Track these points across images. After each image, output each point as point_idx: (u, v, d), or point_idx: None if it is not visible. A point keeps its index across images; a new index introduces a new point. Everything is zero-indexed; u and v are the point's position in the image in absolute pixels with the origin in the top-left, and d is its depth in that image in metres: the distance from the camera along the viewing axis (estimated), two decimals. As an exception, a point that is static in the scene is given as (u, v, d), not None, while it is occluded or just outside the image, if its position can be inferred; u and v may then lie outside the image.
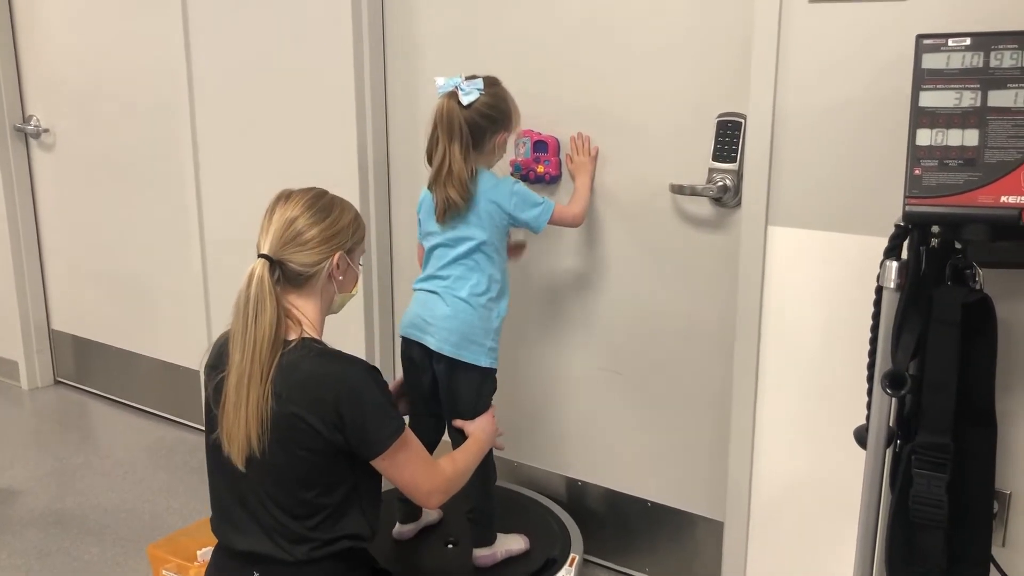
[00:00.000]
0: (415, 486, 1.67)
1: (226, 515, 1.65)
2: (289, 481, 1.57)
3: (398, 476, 1.63)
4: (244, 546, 1.62)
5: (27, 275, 3.76)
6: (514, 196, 2.03)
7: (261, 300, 1.53)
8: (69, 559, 2.52)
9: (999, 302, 1.53)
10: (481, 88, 1.97)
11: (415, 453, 1.65)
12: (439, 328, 2.03)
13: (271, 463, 1.55)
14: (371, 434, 1.57)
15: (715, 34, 2.06)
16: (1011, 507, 1.77)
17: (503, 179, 2.06)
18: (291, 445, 1.55)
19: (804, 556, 2.07)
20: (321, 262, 1.61)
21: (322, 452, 1.56)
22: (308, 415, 1.54)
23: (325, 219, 1.61)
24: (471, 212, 2.01)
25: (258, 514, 1.60)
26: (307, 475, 1.57)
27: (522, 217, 2.05)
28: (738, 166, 2.03)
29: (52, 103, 3.58)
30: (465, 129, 1.96)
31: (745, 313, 2.04)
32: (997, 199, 1.41)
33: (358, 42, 2.57)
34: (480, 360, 2.05)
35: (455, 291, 2.03)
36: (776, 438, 2.06)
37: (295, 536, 1.59)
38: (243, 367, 1.53)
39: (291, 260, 1.58)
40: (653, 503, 2.38)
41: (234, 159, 2.95)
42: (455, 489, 1.77)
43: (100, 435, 3.39)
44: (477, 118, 1.97)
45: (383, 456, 1.59)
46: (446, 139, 1.97)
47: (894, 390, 1.49)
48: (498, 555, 2.16)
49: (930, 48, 1.48)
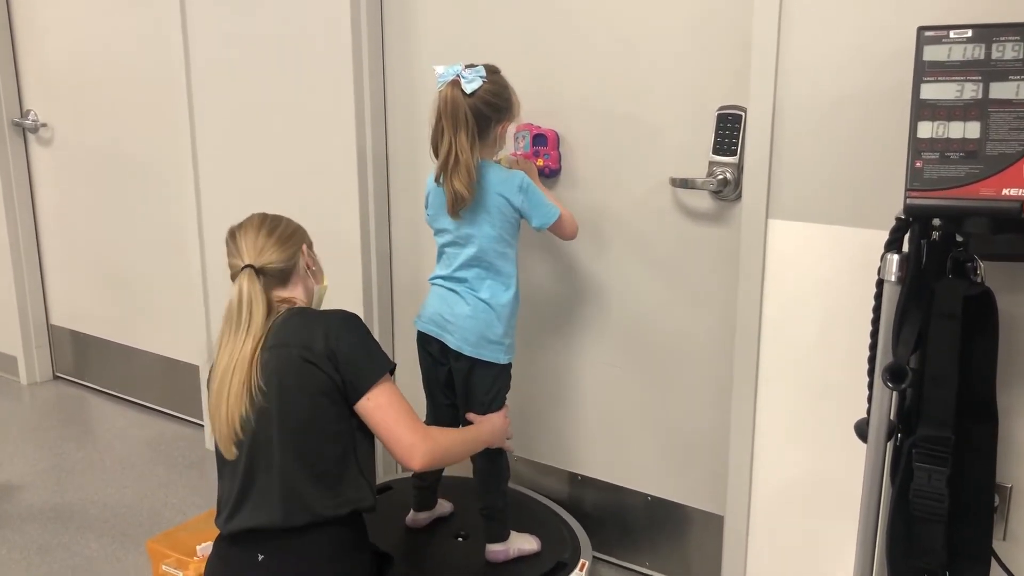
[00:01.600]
0: (398, 436, 1.70)
1: (235, 500, 1.70)
2: (302, 430, 1.67)
3: (383, 420, 1.69)
4: (252, 522, 1.67)
5: (25, 270, 3.75)
6: (522, 193, 2.00)
7: (254, 299, 1.69)
8: (68, 554, 2.52)
9: (1000, 295, 1.52)
10: (484, 75, 1.93)
11: (399, 403, 1.72)
12: (459, 327, 2.03)
13: (285, 416, 1.66)
14: (362, 367, 1.68)
15: (715, 25, 2.05)
16: (1012, 501, 1.77)
17: (512, 172, 2.03)
18: (306, 391, 1.67)
19: (804, 550, 2.07)
20: (294, 255, 1.78)
21: (327, 394, 1.66)
22: (310, 355, 1.66)
23: (278, 226, 1.79)
24: (480, 207, 1.99)
25: (268, 482, 1.67)
26: (318, 420, 1.67)
27: (529, 211, 2.02)
28: (738, 159, 2.02)
29: (50, 98, 3.57)
30: (471, 118, 1.92)
31: (745, 307, 2.03)
32: (999, 192, 1.40)
33: (356, 36, 2.56)
34: (499, 358, 2.05)
35: (475, 291, 2.03)
36: (776, 432, 2.06)
37: (307, 492, 1.66)
38: (232, 358, 1.66)
39: (270, 262, 1.74)
40: (653, 497, 2.38)
41: (232, 153, 2.95)
42: (439, 457, 1.78)
43: (99, 430, 3.39)
44: (481, 106, 1.93)
45: (371, 393, 1.67)
46: (452, 129, 1.93)
47: (895, 384, 1.49)
48: (511, 552, 2.15)
49: (931, 40, 1.47)
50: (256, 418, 1.65)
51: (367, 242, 2.69)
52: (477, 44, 2.41)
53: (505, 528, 2.16)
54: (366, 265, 2.70)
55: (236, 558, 1.70)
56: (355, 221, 2.65)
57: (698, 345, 2.22)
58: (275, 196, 2.79)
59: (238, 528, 1.69)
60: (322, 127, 2.68)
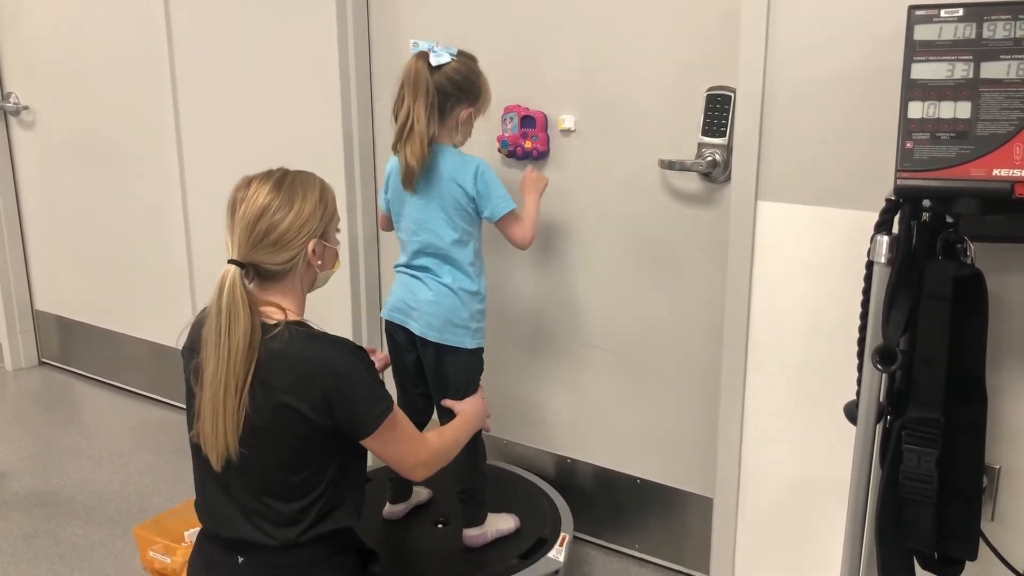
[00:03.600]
0: (402, 461, 1.66)
1: (210, 502, 1.63)
2: (276, 468, 1.55)
3: (386, 453, 1.62)
4: (229, 533, 1.60)
5: (9, 255, 3.72)
6: (479, 175, 1.96)
7: (234, 310, 1.47)
8: (55, 541, 2.51)
9: (990, 276, 1.52)
10: (454, 54, 1.93)
11: (403, 430, 1.64)
12: (422, 313, 2.01)
13: (259, 454, 1.53)
14: (360, 416, 1.55)
15: (704, 5, 2.03)
16: (1000, 481, 1.77)
17: (469, 157, 1.99)
18: (281, 434, 1.53)
19: (794, 532, 2.08)
20: (294, 257, 1.55)
21: (310, 437, 1.54)
22: (297, 403, 1.51)
23: (291, 209, 1.53)
24: (434, 194, 1.96)
25: (243, 501, 1.58)
26: (295, 460, 1.55)
27: (481, 198, 1.97)
28: (727, 140, 2.01)
29: (32, 80, 3.52)
30: (432, 90, 1.91)
31: (734, 289, 2.02)
32: (989, 172, 1.40)
33: (342, 18, 2.54)
34: (465, 342, 2.03)
35: (437, 277, 2.01)
36: (766, 414, 2.06)
37: (282, 519, 1.57)
38: (218, 379, 1.49)
39: (263, 262, 1.54)
40: (643, 480, 2.38)
41: (217, 136, 2.92)
42: (441, 463, 1.75)
43: (85, 416, 3.37)
44: (445, 82, 1.92)
45: (373, 436, 1.57)
46: (412, 97, 1.91)
47: (884, 365, 1.49)
48: (488, 535, 2.15)
49: (922, 19, 1.46)
50: (243, 440, 1.53)
51: (354, 230, 2.67)
52: (465, 25, 2.39)
53: (482, 511, 2.15)
54: (352, 253, 2.68)
55: (217, 560, 1.64)
56: (342, 203, 2.63)
57: (688, 327, 2.21)
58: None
59: (221, 534, 1.62)
60: (308, 109, 2.66)
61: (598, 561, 2.43)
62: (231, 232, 1.54)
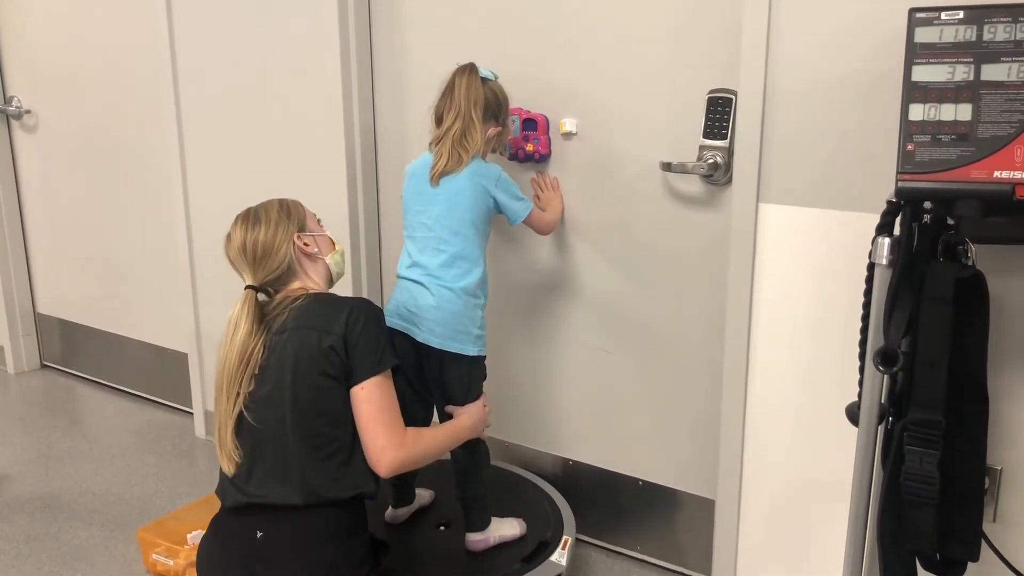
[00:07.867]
0: (374, 436, 1.71)
1: (243, 474, 1.72)
2: (309, 406, 1.69)
3: (366, 412, 1.70)
4: (256, 497, 1.69)
5: (11, 258, 3.72)
6: (500, 182, 2.06)
7: (237, 321, 1.72)
8: (57, 543, 2.51)
9: (991, 278, 1.52)
10: (495, 77, 2.11)
11: (391, 401, 1.74)
12: (424, 319, 2.02)
13: (296, 390, 1.68)
14: (364, 356, 1.70)
15: (706, 8, 2.03)
16: (1002, 483, 1.77)
17: (490, 165, 2.08)
18: (320, 369, 1.68)
19: (796, 533, 2.08)
20: (286, 253, 1.79)
21: (336, 377, 1.69)
22: (328, 337, 1.68)
23: (260, 227, 1.79)
24: (458, 189, 2.01)
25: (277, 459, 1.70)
26: (324, 401, 1.69)
27: (504, 204, 2.08)
28: (729, 143, 2.02)
29: (34, 84, 3.53)
30: (482, 98, 2.06)
31: (736, 291, 2.03)
32: (990, 174, 1.40)
33: (344, 26, 2.54)
34: (467, 349, 2.04)
35: (441, 280, 2.02)
36: (767, 416, 2.06)
37: (310, 476, 1.68)
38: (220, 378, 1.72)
39: (268, 272, 1.78)
40: (645, 482, 2.38)
41: (219, 140, 2.92)
42: (414, 458, 1.78)
43: (87, 419, 3.37)
44: (489, 95, 2.08)
45: (366, 382, 1.69)
46: (467, 103, 2.04)
47: (886, 367, 1.49)
48: (491, 540, 2.15)
49: (923, 22, 1.46)
50: (265, 398, 1.69)
51: (355, 228, 2.68)
52: (467, 27, 2.40)
53: (485, 516, 2.15)
54: (355, 252, 2.69)
55: (234, 534, 1.71)
56: (343, 204, 2.64)
57: (689, 329, 2.22)
58: (262, 181, 2.77)
59: (242, 502, 1.70)
60: (310, 116, 2.66)
61: (600, 563, 2.43)
62: (236, 269, 1.80)
